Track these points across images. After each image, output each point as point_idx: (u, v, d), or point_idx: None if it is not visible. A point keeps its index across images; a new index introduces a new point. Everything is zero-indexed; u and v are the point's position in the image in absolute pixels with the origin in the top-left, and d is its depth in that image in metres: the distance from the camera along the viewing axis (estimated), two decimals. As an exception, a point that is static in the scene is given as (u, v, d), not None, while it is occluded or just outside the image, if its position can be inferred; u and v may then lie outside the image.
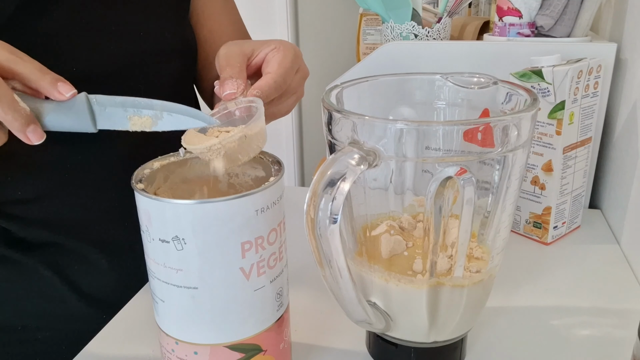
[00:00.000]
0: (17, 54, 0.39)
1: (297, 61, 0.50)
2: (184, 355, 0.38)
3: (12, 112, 0.37)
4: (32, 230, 0.57)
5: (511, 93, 0.42)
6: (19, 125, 0.37)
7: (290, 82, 0.49)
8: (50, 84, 0.38)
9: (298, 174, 2.21)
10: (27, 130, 0.38)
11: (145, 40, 0.60)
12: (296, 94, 0.52)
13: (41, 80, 0.38)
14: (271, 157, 0.41)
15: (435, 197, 0.36)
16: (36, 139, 0.38)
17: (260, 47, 0.50)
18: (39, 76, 0.38)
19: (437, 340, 0.42)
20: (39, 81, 0.38)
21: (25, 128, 0.38)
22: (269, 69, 0.47)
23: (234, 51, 0.48)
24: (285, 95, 0.50)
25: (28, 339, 0.59)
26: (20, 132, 0.38)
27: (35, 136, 0.38)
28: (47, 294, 0.59)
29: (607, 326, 0.50)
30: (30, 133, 0.38)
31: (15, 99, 0.37)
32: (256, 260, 0.37)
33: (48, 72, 0.39)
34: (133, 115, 0.38)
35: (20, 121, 0.37)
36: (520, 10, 0.75)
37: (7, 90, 0.37)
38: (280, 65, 0.47)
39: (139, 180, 0.38)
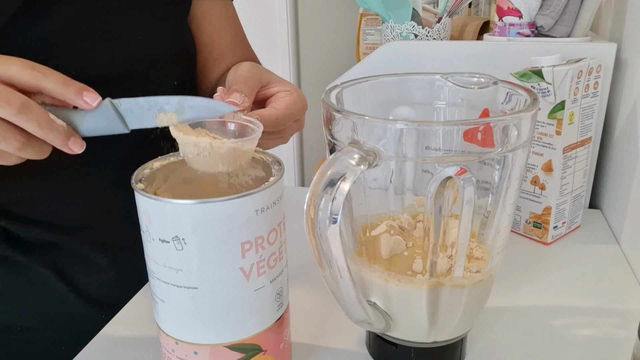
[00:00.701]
0: (39, 69, 0.39)
1: (302, 113, 0.52)
2: (184, 355, 0.38)
3: (52, 132, 0.39)
4: (31, 230, 0.57)
5: (511, 93, 0.42)
6: (60, 142, 0.39)
7: (286, 127, 0.50)
8: (76, 96, 0.39)
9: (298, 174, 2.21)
10: (69, 144, 0.40)
11: (145, 44, 0.60)
12: (283, 138, 0.53)
13: (67, 93, 0.39)
14: (271, 157, 0.41)
15: (435, 197, 0.36)
16: (78, 149, 0.40)
17: (277, 83, 0.51)
18: (64, 89, 0.39)
19: (437, 340, 0.42)
20: (65, 94, 0.39)
21: (67, 142, 0.40)
22: (276, 105, 0.48)
23: (253, 73, 0.49)
24: (274, 134, 0.51)
25: (27, 339, 0.59)
26: (64, 147, 0.40)
27: (76, 147, 0.40)
28: (46, 294, 0.59)
29: (607, 326, 0.50)
30: (72, 145, 0.40)
31: (51, 119, 0.39)
32: (256, 260, 0.37)
33: (72, 83, 0.40)
34: (158, 113, 0.39)
35: (61, 138, 0.39)
36: (520, 10, 0.75)
37: (43, 113, 0.39)
38: (288, 107, 0.49)
39: (139, 180, 0.38)
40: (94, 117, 0.40)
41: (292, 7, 2.05)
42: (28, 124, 0.38)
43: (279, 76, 0.53)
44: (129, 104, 0.40)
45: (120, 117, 0.40)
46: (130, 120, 0.40)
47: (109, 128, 0.40)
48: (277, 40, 2.06)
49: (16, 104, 0.37)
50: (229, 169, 0.39)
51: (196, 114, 0.39)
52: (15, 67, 0.39)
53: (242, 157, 0.39)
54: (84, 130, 0.40)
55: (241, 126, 0.42)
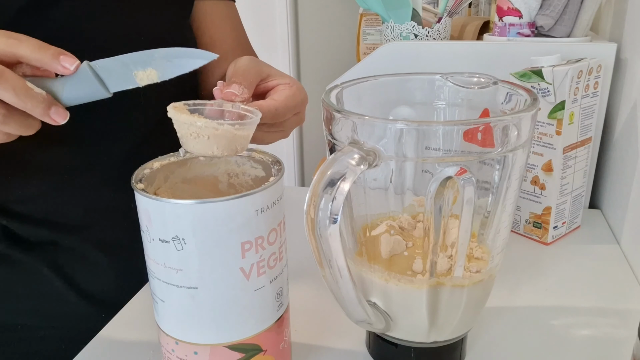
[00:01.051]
0: (14, 37, 0.38)
1: (302, 105, 0.51)
2: (184, 355, 0.38)
3: (30, 99, 0.37)
4: (32, 228, 0.58)
5: (511, 93, 0.42)
6: (40, 110, 0.38)
7: (286, 119, 0.49)
8: (52, 59, 0.38)
9: (298, 174, 2.21)
10: (50, 113, 0.38)
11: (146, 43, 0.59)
12: (283, 131, 0.53)
13: (43, 57, 0.38)
14: (271, 157, 0.41)
15: (435, 197, 0.36)
16: (61, 118, 0.39)
17: (276, 76, 0.51)
18: (40, 54, 0.38)
19: (437, 340, 0.42)
20: (42, 59, 0.38)
21: (48, 111, 0.38)
22: (275, 97, 0.48)
23: (251, 66, 0.49)
24: (274, 127, 0.50)
25: (27, 338, 0.59)
26: (45, 116, 0.38)
27: (59, 116, 0.39)
28: (46, 293, 0.59)
29: (607, 326, 0.50)
30: (54, 115, 0.38)
31: (28, 87, 0.37)
32: (256, 260, 0.37)
33: (48, 47, 0.38)
34: (137, 71, 0.38)
35: (40, 106, 0.38)
36: (520, 10, 0.75)
37: (18, 80, 0.37)
38: (287, 99, 0.48)
39: (139, 180, 0.38)
40: (74, 83, 0.39)
41: (292, 7, 2.05)
42: (3, 92, 0.37)
43: (278, 70, 0.53)
44: (107, 64, 0.39)
45: (100, 80, 0.39)
46: (110, 83, 0.39)
47: (90, 93, 0.39)
48: (277, 40, 2.06)
49: None
50: (224, 153, 0.38)
51: (176, 69, 0.38)
52: None
53: (238, 142, 0.39)
54: (65, 99, 0.39)
55: (240, 115, 0.42)
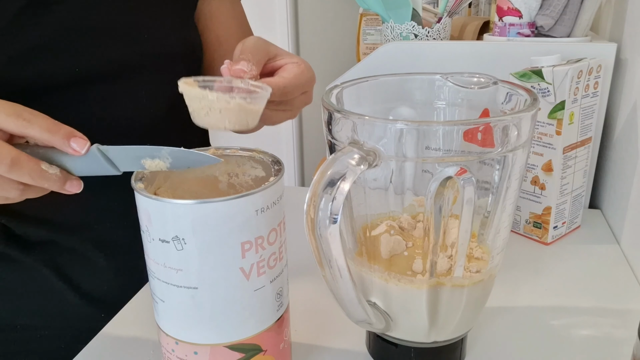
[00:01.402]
0: (24, 117, 0.39)
1: (310, 84, 0.51)
2: (184, 355, 0.38)
3: (46, 181, 0.39)
4: (31, 228, 0.58)
5: (511, 93, 0.42)
6: (57, 187, 0.40)
7: (294, 98, 0.49)
8: (63, 144, 0.39)
9: (298, 174, 2.21)
10: (66, 187, 0.40)
11: (149, 42, 0.60)
12: (291, 111, 0.53)
13: (54, 139, 0.39)
14: (271, 157, 0.41)
15: (435, 197, 0.36)
16: (75, 189, 0.41)
17: (284, 55, 0.51)
18: (50, 137, 0.39)
19: (437, 340, 0.42)
20: (52, 141, 0.39)
21: (63, 186, 0.40)
22: (284, 75, 0.48)
23: (259, 45, 0.49)
24: (282, 105, 0.50)
25: (27, 338, 0.59)
26: (60, 190, 0.40)
27: (73, 188, 0.41)
28: (45, 293, 0.59)
29: (607, 326, 0.50)
30: (69, 188, 0.40)
31: (43, 170, 0.39)
32: (256, 260, 0.37)
33: (58, 129, 0.39)
34: (146, 160, 0.39)
35: (56, 185, 0.40)
36: (520, 10, 0.75)
37: (34, 165, 0.38)
38: (296, 77, 0.48)
39: (139, 179, 0.38)
40: (85, 161, 0.40)
41: (292, 7, 2.05)
42: (21, 178, 0.39)
43: (285, 50, 0.52)
44: (117, 152, 0.40)
45: (109, 162, 0.40)
46: (119, 165, 0.40)
47: (99, 170, 0.40)
48: (277, 41, 2.06)
49: (6, 162, 0.37)
50: (235, 127, 0.39)
51: (183, 163, 0.39)
52: (1, 116, 0.38)
53: (250, 116, 0.39)
54: (77, 172, 0.41)
55: (249, 91, 0.42)
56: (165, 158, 0.38)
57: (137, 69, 0.59)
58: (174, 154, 0.38)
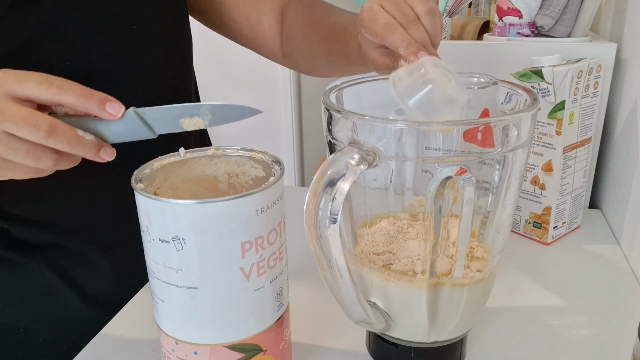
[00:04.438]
0: (57, 84, 0.39)
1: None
2: (184, 355, 0.38)
3: (83, 147, 0.39)
4: (33, 231, 0.57)
5: (511, 93, 0.42)
6: (92, 154, 0.40)
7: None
8: (99, 108, 0.39)
9: (298, 174, 2.21)
10: (100, 154, 0.40)
11: (139, 33, 0.59)
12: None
13: (89, 105, 0.39)
14: (271, 157, 0.41)
15: (435, 197, 0.36)
16: (109, 157, 0.41)
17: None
18: (85, 102, 0.39)
19: (437, 340, 0.42)
20: (87, 107, 0.39)
21: (98, 153, 0.40)
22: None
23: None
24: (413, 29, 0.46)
25: (30, 341, 0.59)
26: (95, 158, 0.40)
27: (107, 155, 0.40)
28: (48, 295, 0.59)
29: (607, 326, 0.50)
30: (103, 155, 0.40)
31: (79, 136, 0.39)
32: (256, 260, 0.37)
33: (92, 95, 0.39)
34: (184, 119, 0.39)
35: (92, 151, 0.40)
36: (520, 10, 0.75)
37: (70, 131, 0.38)
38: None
39: (139, 180, 0.38)
40: (120, 126, 0.40)
41: (292, 7, 2.05)
42: (58, 144, 0.38)
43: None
44: (154, 113, 0.40)
45: (146, 125, 0.40)
46: (156, 127, 0.40)
47: (135, 135, 0.40)
48: (277, 40, 2.06)
49: (44, 128, 0.37)
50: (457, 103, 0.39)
51: (222, 118, 0.39)
52: (32, 85, 0.39)
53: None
54: (112, 139, 0.40)
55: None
56: (204, 115, 0.38)
57: (127, 61, 0.58)
58: (214, 109, 0.38)
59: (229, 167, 0.43)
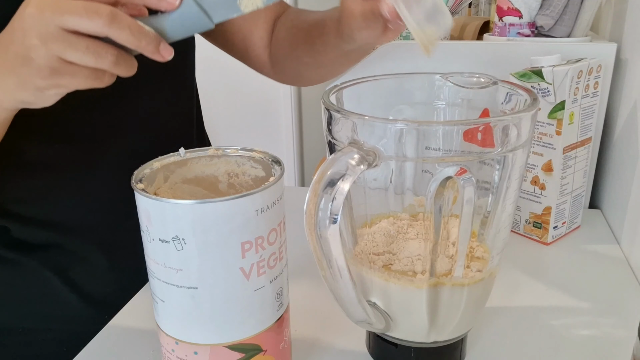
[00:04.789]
0: None
1: None
2: (184, 355, 0.38)
3: (145, 37, 0.38)
4: (33, 230, 0.57)
5: (511, 93, 0.42)
6: (153, 47, 0.39)
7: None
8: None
9: (298, 174, 2.21)
10: (160, 50, 0.39)
11: None
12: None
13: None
14: (271, 157, 0.41)
15: (435, 197, 0.36)
16: (168, 54, 0.40)
17: None
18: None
19: (437, 340, 0.42)
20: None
21: (158, 48, 0.39)
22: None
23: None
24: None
25: (29, 341, 0.59)
26: (155, 53, 0.39)
27: (167, 52, 0.40)
28: (48, 296, 0.59)
29: (607, 326, 0.50)
30: (163, 51, 0.39)
31: (141, 25, 0.38)
32: (256, 260, 0.37)
33: None
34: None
35: (153, 43, 0.39)
36: (520, 10, 0.75)
37: (132, 20, 0.37)
38: None
39: (139, 180, 0.38)
40: (178, 17, 0.38)
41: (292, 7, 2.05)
42: (120, 32, 0.37)
43: None
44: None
45: (204, 12, 0.38)
46: (214, 13, 0.39)
47: (193, 26, 0.39)
48: (277, 40, 2.06)
49: (105, 13, 0.36)
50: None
51: None
52: None
53: None
54: (170, 35, 0.39)
55: None
56: None
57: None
58: None
59: (229, 167, 0.43)
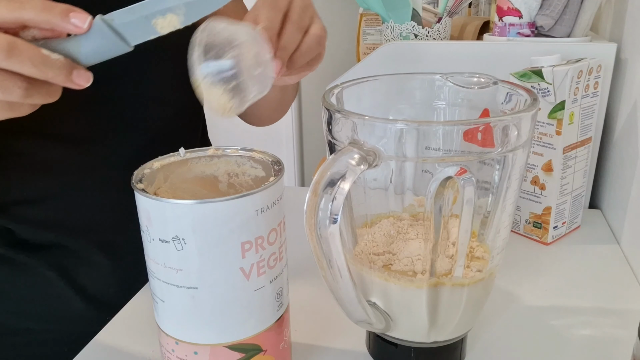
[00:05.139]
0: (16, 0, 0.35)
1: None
2: (184, 355, 0.38)
3: (51, 68, 0.35)
4: (35, 231, 0.57)
5: (511, 93, 0.42)
6: (63, 77, 0.36)
7: (288, 6, 0.43)
8: (61, 19, 0.35)
9: (298, 174, 2.21)
10: (73, 78, 0.36)
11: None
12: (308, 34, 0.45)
13: (51, 18, 0.35)
14: (271, 157, 0.41)
15: (435, 197, 0.36)
16: (84, 81, 0.37)
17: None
18: (47, 15, 0.35)
19: (437, 340, 0.42)
20: (50, 20, 0.35)
21: (70, 77, 0.36)
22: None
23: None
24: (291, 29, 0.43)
25: (31, 341, 0.59)
26: (68, 83, 0.36)
27: (82, 79, 0.36)
28: (50, 296, 0.59)
29: (607, 326, 0.50)
30: (77, 79, 0.36)
31: (45, 55, 0.35)
32: (256, 260, 0.37)
33: (54, 6, 0.35)
34: (157, 19, 0.36)
35: (62, 73, 0.35)
36: (520, 10, 0.75)
37: (33, 50, 0.34)
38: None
39: (139, 180, 0.38)
40: (90, 40, 0.35)
41: (292, 7, 2.05)
42: (21, 65, 0.34)
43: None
44: (122, 16, 0.35)
45: (117, 35, 0.36)
46: (129, 36, 0.36)
47: (109, 50, 0.36)
48: (277, 40, 2.06)
49: (2, 48, 0.33)
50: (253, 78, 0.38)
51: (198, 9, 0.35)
52: None
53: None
54: (84, 60, 0.36)
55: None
56: (178, 9, 0.35)
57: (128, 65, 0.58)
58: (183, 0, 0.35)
59: (229, 167, 0.43)
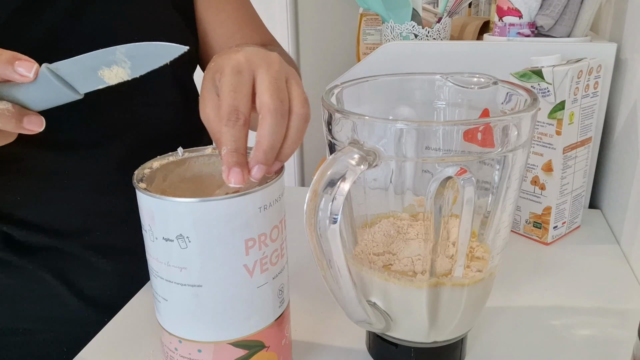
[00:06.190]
0: None
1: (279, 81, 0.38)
2: (188, 353, 0.38)
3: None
4: (33, 234, 0.57)
5: (511, 93, 0.42)
6: (13, 125, 0.35)
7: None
8: (7, 69, 0.34)
9: (298, 174, 2.21)
10: (24, 125, 0.35)
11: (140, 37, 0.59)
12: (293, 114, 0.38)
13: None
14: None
15: (435, 197, 0.36)
16: (36, 127, 0.35)
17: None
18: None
19: (437, 340, 0.42)
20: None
21: (21, 124, 0.35)
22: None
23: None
24: (270, 124, 0.36)
25: (29, 342, 0.59)
26: (19, 129, 0.35)
27: (33, 125, 0.35)
28: (48, 297, 0.59)
29: (607, 326, 0.50)
30: (28, 125, 0.35)
31: None
32: (259, 257, 0.37)
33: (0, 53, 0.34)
34: (103, 70, 0.35)
35: (12, 122, 0.34)
36: (520, 10, 0.75)
37: None
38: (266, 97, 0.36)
39: (140, 179, 0.38)
40: (38, 88, 0.35)
41: (292, 7, 2.05)
42: None
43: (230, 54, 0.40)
44: (67, 66, 0.34)
45: (65, 84, 0.35)
46: (77, 85, 0.35)
47: (58, 97, 0.35)
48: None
49: None
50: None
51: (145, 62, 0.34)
52: None
53: None
54: (34, 106, 0.35)
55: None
56: (122, 62, 0.34)
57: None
58: (130, 52, 0.33)
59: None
